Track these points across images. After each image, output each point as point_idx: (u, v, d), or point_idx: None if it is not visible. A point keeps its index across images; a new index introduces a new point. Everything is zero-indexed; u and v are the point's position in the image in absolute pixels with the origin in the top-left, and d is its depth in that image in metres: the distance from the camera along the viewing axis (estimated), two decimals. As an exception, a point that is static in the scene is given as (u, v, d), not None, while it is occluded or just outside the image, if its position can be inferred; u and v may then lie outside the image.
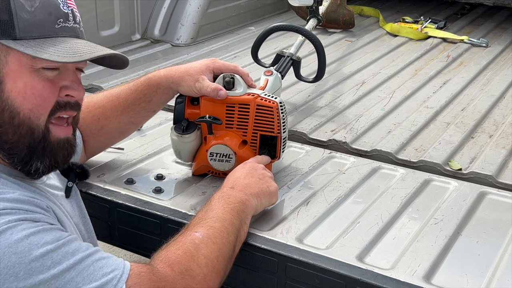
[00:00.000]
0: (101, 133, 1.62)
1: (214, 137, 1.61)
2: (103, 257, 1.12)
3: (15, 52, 1.12)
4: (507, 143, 1.90)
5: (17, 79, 1.12)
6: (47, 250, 1.05)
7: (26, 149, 1.16)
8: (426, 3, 3.75)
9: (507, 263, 1.34)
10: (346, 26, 3.14)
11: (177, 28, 2.98)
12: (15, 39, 1.10)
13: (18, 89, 1.13)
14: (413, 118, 2.09)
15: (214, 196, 1.40)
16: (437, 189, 1.64)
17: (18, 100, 1.13)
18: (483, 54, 2.83)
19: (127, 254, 3.07)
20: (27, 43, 1.11)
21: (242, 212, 1.38)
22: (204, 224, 1.30)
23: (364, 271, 1.30)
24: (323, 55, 2.10)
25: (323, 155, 1.82)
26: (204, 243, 1.25)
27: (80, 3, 2.78)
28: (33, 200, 1.12)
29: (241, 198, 1.40)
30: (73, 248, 1.08)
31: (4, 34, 1.10)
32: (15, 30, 1.10)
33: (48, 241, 1.06)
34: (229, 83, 1.60)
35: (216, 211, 1.34)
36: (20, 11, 1.11)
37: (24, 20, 1.11)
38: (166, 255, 1.21)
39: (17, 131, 1.15)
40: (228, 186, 1.43)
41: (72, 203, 1.35)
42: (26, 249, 1.03)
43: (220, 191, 1.42)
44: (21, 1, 1.11)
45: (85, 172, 1.46)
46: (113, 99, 1.62)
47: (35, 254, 1.03)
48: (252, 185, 1.45)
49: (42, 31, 1.13)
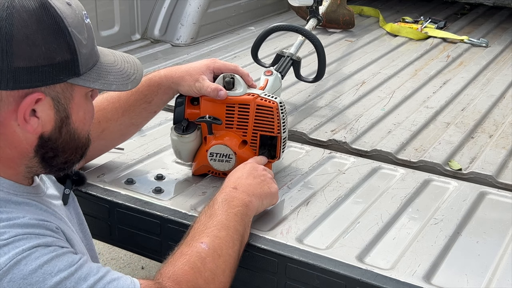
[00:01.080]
0: (102, 136, 1.61)
1: (214, 137, 1.61)
2: (114, 278, 1.11)
3: (78, 87, 1.14)
4: (507, 143, 1.90)
5: (79, 109, 1.16)
6: (60, 279, 1.05)
7: (77, 161, 1.23)
8: (426, 3, 3.75)
9: (507, 263, 1.34)
10: (346, 26, 3.14)
11: (177, 28, 2.98)
12: (79, 76, 1.11)
13: (80, 118, 1.17)
14: (413, 118, 2.09)
15: (217, 198, 1.39)
16: (437, 189, 1.64)
17: (80, 127, 1.18)
18: (483, 54, 2.83)
19: (127, 254, 3.08)
20: (89, 76, 1.13)
21: (246, 216, 1.37)
22: (209, 234, 1.29)
23: (364, 271, 1.30)
24: (323, 55, 2.10)
25: (323, 155, 1.82)
26: (210, 256, 1.24)
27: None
28: (44, 224, 1.12)
29: (244, 201, 1.39)
30: (85, 272, 1.08)
31: (70, 73, 1.10)
32: (79, 67, 1.11)
33: (61, 268, 1.06)
34: (229, 83, 1.60)
35: (220, 217, 1.33)
36: (80, 47, 1.10)
37: (84, 55, 1.12)
38: (173, 271, 1.20)
39: (77, 151, 1.21)
40: (230, 187, 1.43)
41: (70, 210, 1.35)
42: (41, 279, 1.04)
43: (223, 192, 1.41)
44: (79, 36, 1.10)
45: (82, 178, 1.45)
46: (113, 101, 1.61)
47: (49, 284, 1.04)
48: (254, 185, 1.45)
49: (93, 59, 1.15)
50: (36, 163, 1.16)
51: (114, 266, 3.03)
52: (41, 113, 1.10)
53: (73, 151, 1.19)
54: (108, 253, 3.14)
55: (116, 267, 3.03)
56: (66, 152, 1.18)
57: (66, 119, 1.14)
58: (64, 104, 1.12)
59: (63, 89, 1.11)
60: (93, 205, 1.60)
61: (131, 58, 1.26)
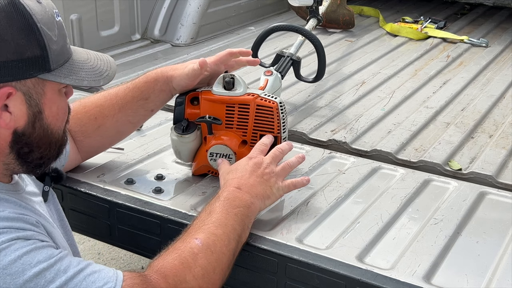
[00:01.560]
0: (97, 133, 1.62)
1: (214, 137, 1.62)
2: (95, 270, 1.12)
3: (50, 83, 1.15)
4: (507, 143, 1.90)
5: (52, 105, 1.18)
6: (40, 270, 1.06)
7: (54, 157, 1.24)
8: (426, 3, 3.75)
9: (507, 263, 1.34)
10: (346, 26, 3.14)
11: (177, 28, 2.98)
12: (50, 71, 1.14)
13: (53, 113, 1.19)
14: (413, 118, 2.09)
15: (219, 196, 1.39)
16: (437, 189, 1.64)
17: (53, 122, 1.20)
18: (483, 54, 2.83)
19: (127, 254, 3.08)
20: (60, 72, 1.15)
21: (246, 217, 1.37)
22: (205, 230, 1.29)
23: (364, 271, 1.30)
24: (323, 55, 2.10)
25: (323, 155, 1.82)
26: (202, 253, 1.24)
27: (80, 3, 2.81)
28: (23, 217, 1.13)
29: (246, 202, 1.39)
30: (65, 265, 1.09)
31: (40, 69, 1.12)
32: (50, 63, 1.13)
33: (41, 260, 1.07)
34: (229, 83, 1.60)
35: (219, 215, 1.33)
36: (51, 43, 1.13)
37: (54, 51, 1.14)
38: (162, 264, 1.21)
39: (52, 146, 1.22)
40: (234, 186, 1.42)
41: (50, 207, 1.35)
42: (20, 270, 1.05)
43: (226, 191, 1.40)
44: (49, 33, 1.12)
45: (61, 175, 1.45)
46: (110, 98, 1.62)
47: (28, 274, 1.05)
48: (258, 185, 1.44)
49: (65, 56, 1.17)
50: (13, 160, 1.18)
51: (114, 266, 3.02)
52: (13, 108, 1.12)
53: (48, 146, 1.20)
54: (108, 253, 3.14)
55: (116, 267, 3.03)
56: (40, 147, 1.19)
57: (39, 114, 1.16)
58: (36, 99, 1.14)
59: (34, 84, 1.13)
60: (93, 205, 1.60)
61: (105, 56, 1.28)
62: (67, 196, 1.64)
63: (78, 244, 3.14)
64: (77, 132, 1.60)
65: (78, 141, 1.61)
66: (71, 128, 1.59)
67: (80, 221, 1.66)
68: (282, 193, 1.49)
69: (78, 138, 1.61)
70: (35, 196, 1.29)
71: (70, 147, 1.57)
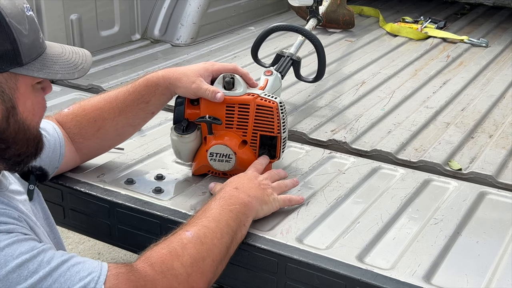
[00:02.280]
0: (97, 135, 1.61)
1: (214, 137, 1.62)
2: (79, 261, 1.12)
3: (23, 77, 1.15)
4: (507, 143, 1.90)
5: (26, 100, 1.17)
6: (22, 261, 1.06)
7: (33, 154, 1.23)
8: (426, 3, 3.75)
9: (507, 263, 1.34)
10: (346, 26, 3.14)
11: (177, 28, 2.98)
12: (22, 65, 1.13)
13: (28, 109, 1.18)
14: (413, 118, 2.09)
15: (215, 196, 1.40)
16: (437, 189, 1.64)
17: (29, 118, 1.19)
18: (483, 54, 2.83)
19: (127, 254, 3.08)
20: (33, 66, 1.15)
21: (243, 214, 1.38)
22: (198, 224, 1.30)
23: (364, 271, 1.30)
24: (323, 55, 2.10)
25: (323, 155, 1.82)
26: (192, 243, 1.24)
27: (80, 3, 2.81)
28: (5, 212, 1.14)
29: (243, 200, 1.39)
30: (48, 256, 1.09)
31: (12, 63, 1.12)
32: (21, 57, 1.13)
33: (23, 251, 1.08)
34: (229, 83, 1.60)
35: (214, 211, 1.34)
36: (21, 37, 1.12)
37: (25, 45, 1.13)
38: (150, 254, 1.21)
39: (29, 143, 1.21)
40: (232, 187, 1.43)
41: (35, 205, 1.35)
42: (2, 261, 1.05)
43: (223, 191, 1.41)
44: (19, 27, 1.12)
45: (45, 174, 1.45)
46: (110, 101, 1.62)
47: (11, 265, 1.05)
48: (255, 189, 1.45)
49: (37, 50, 1.17)
50: None
51: (114, 266, 3.03)
52: None
53: (25, 143, 1.19)
54: (108, 253, 3.14)
55: (116, 267, 3.03)
56: (17, 143, 1.18)
57: (13, 109, 1.15)
58: (9, 94, 1.14)
59: (6, 79, 1.13)
60: (93, 205, 1.60)
61: (81, 50, 1.28)
62: (67, 196, 1.64)
63: (78, 244, 3.15)
64: (76, 134, 1.60)
65: (77, 143, 1.61)
66: (70, 130, 1.60)
67: (80, 221, 1.66)
68: (278, 204, 1.50)
69: (77, 140, 1.61)
70: (19, 194, 1.29)
71: (66, 149, 1.57)
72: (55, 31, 2.45)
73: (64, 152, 1.56)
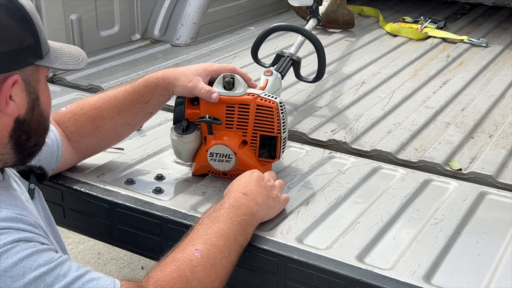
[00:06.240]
0: (95, 134, 1.62)
1: (214, 137, 1.62)
2: (94, 278, 1.12)
3: (42, 69, 1.20)
4: (507, 143, 1.90)
5: (44, 91, 1.22)
6: (40, 273, 1.07)
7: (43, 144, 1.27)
8: (426, 3, 3.75)
9: (507, 263, 1.34)
10: (346, 26, 3.15)
11: (177, 28, 2.98)
12: (42, 58, 1.18)
13: (45, 100, 1.23)
14: (413, 118, 2.09)
15: (224, 202, 1.38)
16: (437, 189, 1.64)
17: (46, 109, 1.23)
18: (483, 54, 2.83)
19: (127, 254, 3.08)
20: (49, 59, 1.20)
21: (250, 225, 1.38)
22: (207, 241, 1.28)
23: (364, 271, 1.30)
24: (323, 55, 2.10)
25: (323, 155, 1.82)
26: (201, 266, 1.24)
27: (80, 3, 2.81)
28: (22, 218, 1.14)
29: (252, 209, 1.39)
30: (64, 270, 1.10)
31: (35, 56, 1.17)
32: (41, 50, 1.17)
33: (41, 263, 1.08)
34: (229, 83, 1.60)
35: (223, 224, 1.32)
36: (40, 32, 1.17)
37: (43, 39, 1.18)
38: (160, 276, 1.20)
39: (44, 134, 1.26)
40: (240, 192, 1.42)
41: (36, 204, 1.35)
42: (21, 273, 1.06)
43: (232, 197, 1.40)
44: (38, 22, 1.18)
45: (45, 173, 1.46)
46: (109, 100, 1.62)
47: (28, 277, 1.06)
48: (263, 194, 1.45)
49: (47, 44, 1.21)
50: (9, 149, 1.19)
51: (114, 266, 3.03)
52: (15, 96, 1.15)
53: (42, 133, 1.24)
54: (108, 253, 3.14)
55: (116, 267, 3.03)
56: (37, 133, 1.23)
57: (37, 100, 1.20)
58: (34, 86, 1.18)
59: (32, 72, 1.17)
60: (93, 205, 1.60)
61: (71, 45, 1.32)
62: (67, 196, 1.64)
63: (78, 244, 3.15)
64: (73, 133, 1.61)
65: (75, 141, 1.62)
66: (67, 128, 1.60)
67: (80, 221, 1.66)
68: (281, 206, 1.51)
69: (74, 139, 1.61)
70: (20, 194, 1.29)
71: (63, 148, 1.58)
72: (55, 31, 2.45)
73: (62, 153, 1.56)
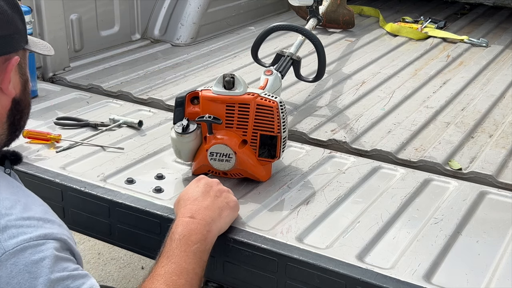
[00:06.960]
0: None
1: (214, 137, 1.61)
2: None
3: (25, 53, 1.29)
4: (507, 143, 1.90)
5: (27, 72, 1.31)
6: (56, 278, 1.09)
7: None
8: (426, 3, 3.75)
9: (507, 263, 1.34)
10: (346, 26, 3.15)
11: (177, 28, 2.98)
12: (27, 43, 1.29)
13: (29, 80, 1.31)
14: (413, 118, 2.09)
15: (174, 233, 1.32)
16: (437, 189, 1.64)
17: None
18: (483, 54, 2.83)
19: (127, 254, 3.08)
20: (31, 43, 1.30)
21: (204, 252, 1.32)
22: (169, 280, 1.24)
23: (364, 270, 1.30)
24: (323, 55, 2.10)
25: (323, 155, 1.82)
26: None
27: (80, 3, 2.81)
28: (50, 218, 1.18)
29: (202, 234, 1.33)
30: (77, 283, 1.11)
31: (24, 41, 1.27)
32: (27, 36, 1.29)
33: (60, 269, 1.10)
34: (229, 83, 1.60)
35: (178, 259, 1.28)
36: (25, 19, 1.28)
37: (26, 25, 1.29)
38: None
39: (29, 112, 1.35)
40: (187, 216, 1.36)
41: None
42: (39, 271, 1.08)
43: (180, 225, 1.34)
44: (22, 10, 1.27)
45: (19, 157, 1.43)
46: None
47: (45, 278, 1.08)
48: (212, 207, 1.39)
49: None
50: (5, 129, 1.27)
51: (114, 266, 3.03)
52: (12, 77, 1.24)
53: (28, 112, 1.34)
54: (108, 253, 3.14)
55: (116, 267, 3.03)
56: (26, 113, 1.33)
57: (27, 81, 1.30)
58: (24, 68, 1.28)
59: (22, 55, 1.28)
60: (93, 204, 1.60)
61: None
62: (67, 196, 1.64)
63: (78, 244, 3.15)
64: None
65: None
66: None
67: (80, 220, 1.66)
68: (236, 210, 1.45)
69: None
70: None
71: None
72: (55, 31, 2.45)
73: None
